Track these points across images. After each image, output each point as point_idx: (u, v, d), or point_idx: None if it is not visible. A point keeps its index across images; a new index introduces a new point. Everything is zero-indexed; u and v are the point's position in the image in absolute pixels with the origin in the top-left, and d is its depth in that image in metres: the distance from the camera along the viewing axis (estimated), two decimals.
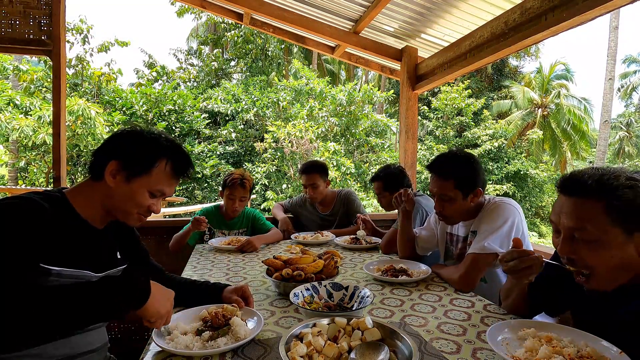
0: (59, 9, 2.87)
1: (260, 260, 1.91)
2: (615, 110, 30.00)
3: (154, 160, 1.05)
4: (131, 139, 1.06)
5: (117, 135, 1.08)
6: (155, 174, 1.05)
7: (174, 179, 1.11)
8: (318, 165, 2.80)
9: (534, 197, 15.67)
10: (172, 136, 1.17)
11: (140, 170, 1.04)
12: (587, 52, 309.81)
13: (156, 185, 1.06)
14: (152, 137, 1.08)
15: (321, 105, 11.49)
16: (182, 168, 1.12)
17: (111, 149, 1.05)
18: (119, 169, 1.02)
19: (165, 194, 1.11)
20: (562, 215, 0.93)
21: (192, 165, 1.15)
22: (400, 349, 0.88)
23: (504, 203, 1.56)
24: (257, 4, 3.38)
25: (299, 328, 0.93)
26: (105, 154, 1.04)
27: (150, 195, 1.07)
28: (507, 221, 1.48)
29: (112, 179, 1.02)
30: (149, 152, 1.05)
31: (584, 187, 0.88)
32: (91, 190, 1.06)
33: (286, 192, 11.10)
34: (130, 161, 1.03)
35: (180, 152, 1.11)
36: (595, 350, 0.88)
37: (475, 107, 15.45)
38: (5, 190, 8.81)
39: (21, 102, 8.90)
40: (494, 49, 2.52)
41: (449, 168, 1.59)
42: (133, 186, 1.04)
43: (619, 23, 14.62)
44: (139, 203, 1.06)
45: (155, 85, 14.19)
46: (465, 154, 1.64)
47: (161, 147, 1.07)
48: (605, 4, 1.76)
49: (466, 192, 1.57)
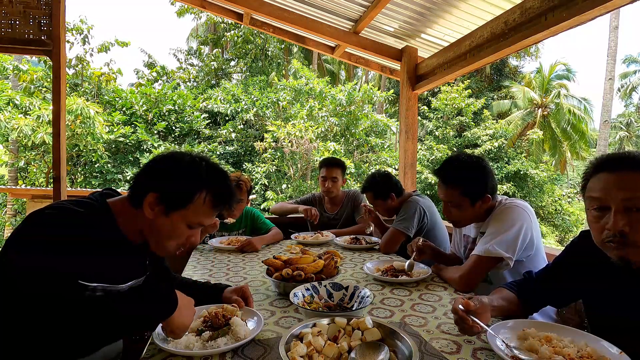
0: (59, 9, 2.87)
1: (260, 260, 1.91)
2: (615, 110, 30.03)
3: (193, 194, 1.00)
4: (171, 169, 1.01)
5: (157, 162, 1.04)
6: (193, 207, 1.01)
7: (213, 210, 1.06)
8: (341, 161, 2.90)
9: (534, 197, 15.66)
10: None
11: (179, 204, 1.00)
12: (587, 52, 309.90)
13: (195, 218, 1.02)
14: (191, 168, 1.02)
15: (321, 105, 11.49)
16: (223, 199, 1.06)
17: (151, 178, 1.01)
18: (157, 202, 0.98)
19: (204, 225, 1.06)
20: (613, 190, 0.93)
21: (234, 194, 1.10)
22: (400, 349, 0.88)
23: (515, 206, 1.51)
24: (257, 4, 3.38)
25: (299, 328, 0.93)
26: (144, 184, 1.01)
27: (189, 227, 1.04)
28: (514, 225, 1.44)
29: (151, 210, 0.99)
30: (188, 185, 1.00)
31: (634, 161, 0.92)
32: (133, 214, 1.02)
33: (286, 192, 11.10)
34: (169, 194, 0.99)
35: (221, 183, 1.06)
36: (595, 350, 0.88)
37: (475, 107, 15.45)
38: (5, 190, 8.82)
39: (21, 102, 8.89)
40: (494, 49, 2.52)
41: (456, 175, 1.54)
42: (171, 219, 1.00)
43: (619, 23, 14.61)
44: (178, 236, 1.03)
45: (155, 85, 14.19)
46: (474, 159, 1.58)
47: (200, 179, 1.02)
48: (605, 4, 1.76)
49: (474, 199, 1.53)
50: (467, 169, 1.54)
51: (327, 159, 2.93)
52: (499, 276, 1.58)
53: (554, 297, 1.20)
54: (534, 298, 1.20)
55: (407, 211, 2.22)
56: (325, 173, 2.82)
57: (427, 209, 2.26)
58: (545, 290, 1.19)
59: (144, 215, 1.00)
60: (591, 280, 1.08)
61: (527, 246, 1.48)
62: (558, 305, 1.26)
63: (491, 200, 1.55)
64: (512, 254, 1.42)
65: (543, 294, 1.20)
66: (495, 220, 1.50)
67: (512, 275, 1.53)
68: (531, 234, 1.48)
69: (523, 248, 1.46)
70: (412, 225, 2.17)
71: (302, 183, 10.95)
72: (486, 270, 1.47)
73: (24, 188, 8.93)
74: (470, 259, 1.49)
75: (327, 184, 2.80)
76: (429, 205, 2.30)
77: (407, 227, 2.15)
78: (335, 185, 2.81)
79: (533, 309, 1.23)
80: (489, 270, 1.49)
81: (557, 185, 18.72)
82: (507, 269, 1.48)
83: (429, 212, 2.26)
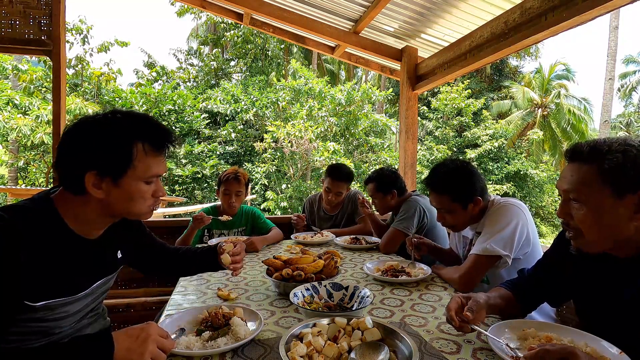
0: (59, 9, 2.87)
1: (260, 260, 1.91)
2: (615, 110, 30.04)
3: (130, 150, 0.91)
4: (92, 140, 0.90)
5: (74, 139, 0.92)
6: (138, 163, 0.93)
7: (159, 155, 0.98)
8: (350, 175, 2.68)
9: (534, 197, 15.68)
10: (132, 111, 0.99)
11: (122, 168, 0.91)
12: (587, 52, 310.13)
13: (147, 172, 0.95)
14: (110, 127, 0.92)
15: (320, 105, 11.50)
16: (162, 139, 0.98)
17: (78, 159, 0.90)
18: (99, 178, 0.90)
19: (160, 174, 1.00)
20: (562, 180, 0.99)
21: (170, 132, 1.01)
22: (400, 349, 0.88)
23: (509, 204, 1.54)
24: (257, 4, 3.38)
25: (299, 328, 0.93)
26: (73, 168, 0.91)
27: (147, 184, 0.97)
28: (510, 223, 1.47)
29: (98, 190, 0.91)
30: (120, 145, 0.91)
31: (580, 153, 0.95)
32: (82, 202, 0.93)
33: (286, 192, 11.10)
34: (106, 165, 0.90)
35: (149, 126, 0.97)
36: (595, 350, 0.88)
37: (475, 107, 15.46)
38: (5, 191, 8.82)
39: (20, 102, 8.90)
40: (494, 49, 2.52)
41: (444, 183, 1.58)
42: (125, 186, 0.93)
43: (619, 23, 14.64)
44: (141, 197, 0.97)
45: (155, 85, 14.19)
46: (459, 165, 1.62)
47: (126, 131, 0.93)
48: (605, 4, 1.76)
49: (465, 203, 1.56)
50: (454, 175, 1.58)
51: (335, 170, 2.66)
52: (496, 275, 1.59)
53: (547, 292, 1.20)
54: (529, 295, 1.20)
55: (407, 211, 2.21)
56: (330, 185, 2.64)
57: (427, 209, 2.25)
58: (538, 286, 1.20)
59: (94, 199, 0.92)
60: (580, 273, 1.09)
61: (524, 243, 1.49)
62: (553, 302, 1.25)
63: (482, 201, 1.58)
64: (509, 251, 1.44)
65: (537, 290, 1.20)
66: (491, 220, 1.52)
67: (509, 274, 1.54)
68: (527, 231, 1.50)
69: (520, 245, 1.48)
70: (412, 225, 2.17)
71: (302, 183, 10.95)
72: (485, 269, 1.48)
73: (24, 188, 8.94)
74: (469, 258, 1.50)
75: (331, 197, 2.66)
76: (429, 205, 2.30)
77: (407, 227, 2.15)
78: (338, 198, 2.68)
79: (530, 307, 1.22)
80: (488, 269, 1.49)
81: None
82: (505, 267, 1.49)
83: (429, 212, 2.26)
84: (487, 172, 14.99)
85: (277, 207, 10.80)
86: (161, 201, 1.07)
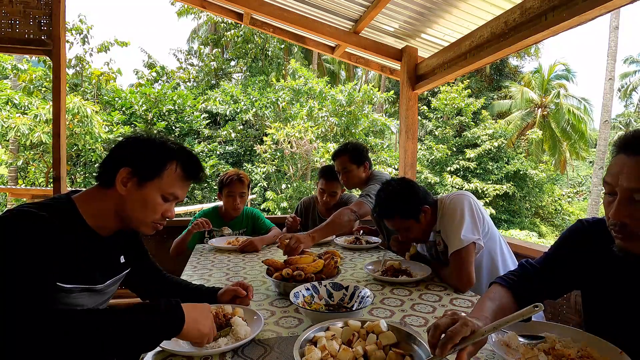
0: (59, 9, 2.86)
1: (260, 260, 1.91)
2: (615, 110, 30.01)
3: (164, 163, 1.06)
4: (139, 144, 1.07)
5: (124, 142, 1.09)
6: (166, 177, 1.06)
7: (185, 182, 1.11)
8: None
9: (534, 197, 15.69)
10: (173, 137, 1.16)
11: (152, 174, 1.04)
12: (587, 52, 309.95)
13: (168, 189, 1.07)
14: (160, 141, 1.09)
15: (321, 105, 11.49)
16: (193, 170, 1.12)
17: (120, 156, 1.05)
18: (130, 175, 1.02)
19: (178, 198, 1.11)
20: (622, 176, 0.83)
21: (202, 167, 1.16)
22: (417, 354, 0.84)
23: (454, 196, 1.63)
24: (257, 4, 3.38)
25: (312, 332, 0.90)
26: (114, 162, 1.04)
27: (163, 199, 1.07)
28: (464, 209, 1.54)
29: (124, 186, 1.02)
30: (158, 156, 1.06)
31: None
32: (103, 198, 1.05)
33: (286, 193, 11.10)
34: (141, 166, 1.03)
35: (189, 155, 1.12)
36: (595, 350, 0.88)
37: (475, 107, 15.48)
38: (5, 190, 8.81)
39: (20, 101, 8.88)
40: (494, 49, 2.52)
41: (389, 207, 1.64)
42: (145, 191, 1.04)
43: (619, 23, 14.61)
44: (153, 208, 1.06)
45: (155, 85, 14.19)
46: (395, 186, 1.66)
47: (170, 150, 1.08)
48: (605, 4, 1.76)
49: (416, 217, 1.62)
50: (395, 197, 1.63)
51: (327, 170, 2.61)
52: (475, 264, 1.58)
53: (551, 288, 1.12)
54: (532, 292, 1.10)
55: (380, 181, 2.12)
56: (324, 186, 2.59)
57: None
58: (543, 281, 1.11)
59: (115, 194, 1.03)
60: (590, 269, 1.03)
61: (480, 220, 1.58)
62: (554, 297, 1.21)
63: (430, 206, 1.65)
64: (478, 234, 1.52)
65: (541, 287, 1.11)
66: (448, 216, 1.59)
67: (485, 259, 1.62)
68: (476, 208, 1.58)
69: (481, 224, 1.57)
70: None
71: (302, 183, 10.95)
72: (472, 258, 1.50)
73: (24, 188, 8.93)
74: (452, 259, 1.51)
75: (326, 198, 2.61)
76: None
77: None
78: (334, 199, 2.62)
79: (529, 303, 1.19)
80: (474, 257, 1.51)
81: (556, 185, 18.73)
82: (481, 250, 1.56)
83: None
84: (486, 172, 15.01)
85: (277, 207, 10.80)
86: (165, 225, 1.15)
